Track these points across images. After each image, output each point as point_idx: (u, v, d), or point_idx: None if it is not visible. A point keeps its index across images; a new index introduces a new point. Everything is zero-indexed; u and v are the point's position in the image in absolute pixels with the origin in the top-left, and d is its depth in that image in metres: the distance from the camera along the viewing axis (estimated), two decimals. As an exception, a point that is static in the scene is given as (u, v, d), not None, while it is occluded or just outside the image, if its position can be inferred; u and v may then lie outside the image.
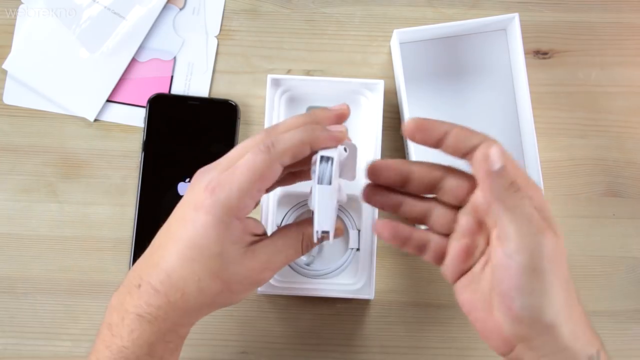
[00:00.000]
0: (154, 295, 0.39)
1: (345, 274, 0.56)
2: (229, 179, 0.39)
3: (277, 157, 0.39)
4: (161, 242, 0.41)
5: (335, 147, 0.41)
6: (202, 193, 0.39)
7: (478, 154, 0.36)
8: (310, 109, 0.58)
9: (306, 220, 0.44)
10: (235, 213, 0.39)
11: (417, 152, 0.58)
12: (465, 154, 0.37)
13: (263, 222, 0.54)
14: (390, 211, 0.42)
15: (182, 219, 0.40)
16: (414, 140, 0.38)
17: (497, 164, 0.36)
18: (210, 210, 0.39)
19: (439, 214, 0.41)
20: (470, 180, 0.39)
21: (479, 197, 0.39)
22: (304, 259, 0.57)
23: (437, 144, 0.38)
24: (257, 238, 0.42)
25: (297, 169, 0.44)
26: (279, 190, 0.55)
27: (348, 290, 0.55)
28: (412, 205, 0.42)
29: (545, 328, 0.36)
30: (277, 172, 0.40)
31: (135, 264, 0.42)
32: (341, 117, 0.44)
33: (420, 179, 0.40)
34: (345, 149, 0.44)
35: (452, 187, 0.40)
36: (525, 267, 0.35)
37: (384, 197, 0.42)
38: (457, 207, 0.40)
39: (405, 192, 0.42)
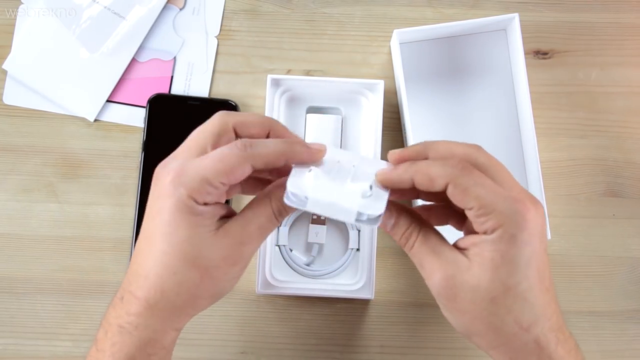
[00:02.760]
0: (134, 302, 0.38)
1: (345, 274, 0.56)
2: (194, 166, 0.38)
3: (250, 158, 0.38)
4: (138, 248, 0.39)
5: (311, 163, 0.40)
6: (165, 182, 0.38)
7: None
8: (310, 109, 0.58)
9: (275, 184, 0.41)
10: (197, 196, 0.37)
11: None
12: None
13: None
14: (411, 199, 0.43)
15: (150, 215, 0.39)
16: (393, 192, 0.40)
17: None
18: (173, 194, 0.37)
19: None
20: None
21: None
22: (303, 259, 0.57)
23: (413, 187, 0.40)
24: (226, 219, 0.40)
25: (262, 176, 0.43)
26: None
27: (348, 290, 0.55)
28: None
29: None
30: (246, 172, 0.38)
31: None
32: (318, 154, 0.41)
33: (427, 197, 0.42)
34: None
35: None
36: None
37: (402, 194, 0.42)
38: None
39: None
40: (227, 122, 0.40)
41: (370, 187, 0.39)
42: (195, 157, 0.38)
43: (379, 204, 0.38)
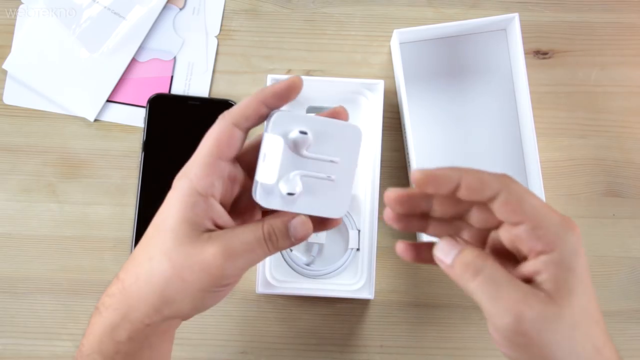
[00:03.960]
0: (114, 283, 0.39)
1: (345, 274, 0.56)
2: (193, 158, 0.38)
3: (231, 119, 0.37)
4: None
5: (288, 98, 0.39)
6: (175, 180, 0.38)
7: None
8: (310, 109, 0.58)
9: (272, 213, 0.40)
10: (198, 187, 0.37)
11: (418, 154, 0.58)
12: (483, 203, 0.36)
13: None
14: (417, 231, 0.40)
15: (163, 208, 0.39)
16: (427, 191, 0.36)
17: None
18: (176, 186, 0.37)
19: (468, 233, 0.39)
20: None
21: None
22: (303, 259, 0.57)
23: (451, 194, 0.35)
24: (217, 228, 0.39)
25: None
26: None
27: (348, 290, 0.55)
28: (439, 226, 0.39)
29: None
30: (237, 136, 0.38)
31: None
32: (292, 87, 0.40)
33: (442, 214, 0.39)
34: (306, 133, 0.38)
35: (479, 219, 0.38)
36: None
37: (410, 222, 0.39)
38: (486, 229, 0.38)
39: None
40: (228, 124, 0.39)
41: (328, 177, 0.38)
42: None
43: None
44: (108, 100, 0.60)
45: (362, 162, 0.56)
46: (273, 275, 0.56)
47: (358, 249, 0.56)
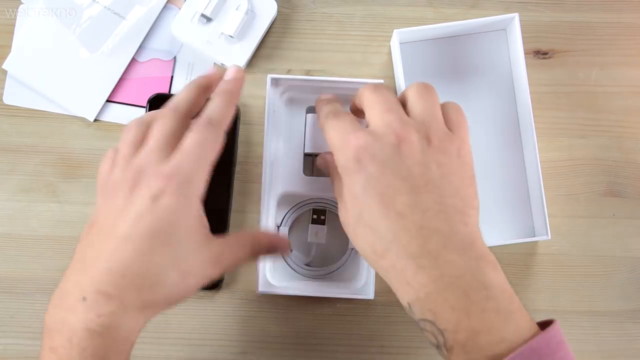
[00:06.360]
0: (105, 303, 0.37)
1: (345, 274, 0.56)
2: (181, 158, 0.39)
3: (185, 113, 0.42)
4: (100, 248, 0.38)
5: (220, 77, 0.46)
6: (155, 183, 0.38)
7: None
8: (310, 109, 0.58)
9: (260, 231, 0.46)
10: (194, 186, 0.39)
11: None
12: None
13: (263, 223, 0.54)
14: None
15: (137, 214, 0.38)
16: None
17: None
18: (175, 191, 0.38)
19: None
20: None
21: None
22: (303, 259, 0.57)
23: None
24: (210, 233, 0.41)
25: None
26: (278, 190, 0.55)
27: (348, 290, 0.55)
28: None
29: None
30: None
31: (64, 279, 0.39)
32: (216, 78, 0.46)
33: None
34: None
35: None
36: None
37: None
38: None
39: None
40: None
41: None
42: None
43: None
44: (108, 100, 0.60)
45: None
46: (273, 275, 0.56)
47: (358, 249, 0.56)
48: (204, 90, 0.45)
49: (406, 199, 0.38)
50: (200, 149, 0.39)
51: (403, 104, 0.43)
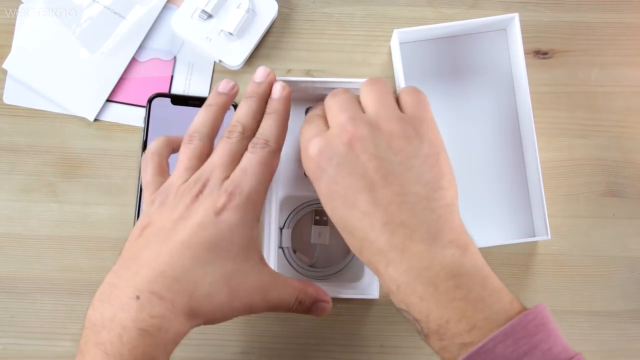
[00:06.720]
0: (158, 304, 0.37)
1: (349, 274, 0.56)
2: (242, 177, 0.40)
3: (241, 134, 0.44)
4: (156, 249, 0.39)
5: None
6: (219, 197, 0.40)
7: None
8: (310, 109, 0.58)
9: (310, 284, 0.45)
10: (253, 205, 0.41)
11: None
12: None
13: (265, 225, 0.54)
14: None
15: (199, 224, 0.39)
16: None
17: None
18: (236, 208, 0.39)
19: None
20: None
21: None
22: (307, 260, 0.57)
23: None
24: (263, 258, 0.43)
25: None
26: (281, 193, 0.55)
27: (352, 290, 0.55)
28: None
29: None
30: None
31: (114, 276, 0.40)
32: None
33: None
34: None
35: None
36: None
37: None
38: None
39: None
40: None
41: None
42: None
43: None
44: (108, 100, 0.60)
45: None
46: (273, 275, 0.56)
47: (358, 249, 0.56)
48: (260, 108, 0.46)
49: (367, 196, 0.38)
50: (258, 169, 0.41)
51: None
